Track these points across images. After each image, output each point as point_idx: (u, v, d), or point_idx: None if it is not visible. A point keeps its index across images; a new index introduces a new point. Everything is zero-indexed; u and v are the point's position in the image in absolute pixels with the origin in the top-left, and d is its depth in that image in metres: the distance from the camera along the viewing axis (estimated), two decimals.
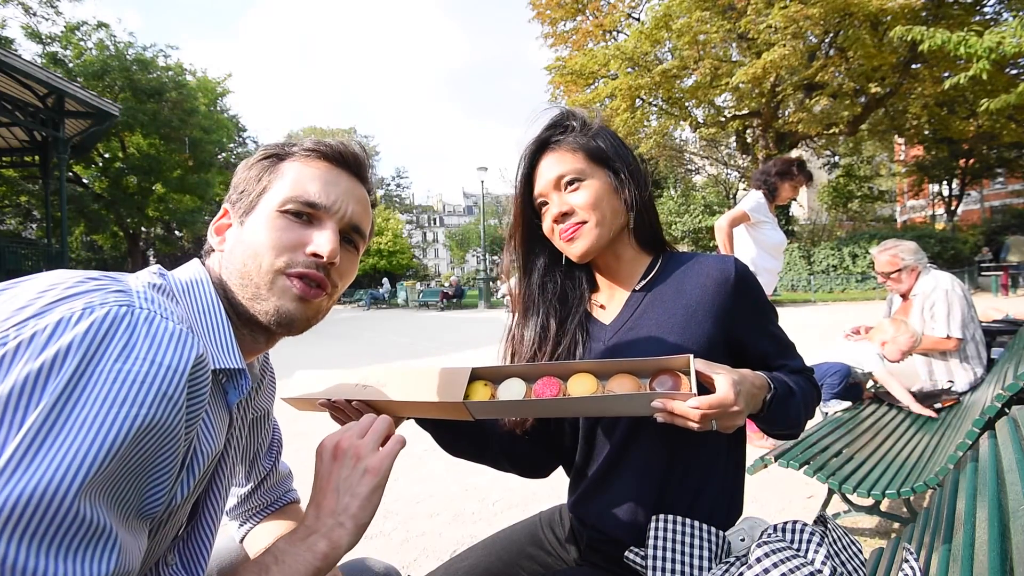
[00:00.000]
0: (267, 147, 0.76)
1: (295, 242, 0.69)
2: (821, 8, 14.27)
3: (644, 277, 0.97)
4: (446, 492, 2.78)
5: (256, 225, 0.70)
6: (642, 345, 0.91)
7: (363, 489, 0.63)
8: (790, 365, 0.96)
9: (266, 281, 0.68)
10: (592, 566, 0.98)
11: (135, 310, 0.52)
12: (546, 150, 0.95)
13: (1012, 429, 1.10)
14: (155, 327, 0.52)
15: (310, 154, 0.73)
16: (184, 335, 0.53)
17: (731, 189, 26.88)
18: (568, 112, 0.98)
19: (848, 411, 2.71)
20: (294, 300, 0.69)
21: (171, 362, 0.51)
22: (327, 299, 0.73)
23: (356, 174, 0.77)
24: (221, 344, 0.65)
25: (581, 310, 1.01)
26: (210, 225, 0.75)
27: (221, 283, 0.70)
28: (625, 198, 0.94)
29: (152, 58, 22.37)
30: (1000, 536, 0.75)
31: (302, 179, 0.71)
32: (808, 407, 0.94)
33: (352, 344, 9.89)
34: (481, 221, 22.77)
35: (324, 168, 0.73)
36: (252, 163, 0.74)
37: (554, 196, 0.94)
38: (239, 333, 0.70)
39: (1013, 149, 21.12)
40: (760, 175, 3.29)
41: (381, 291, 25.38)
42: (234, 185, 0.74)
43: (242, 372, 0.67)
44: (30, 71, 9.89)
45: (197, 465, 0.60)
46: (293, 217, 0.70)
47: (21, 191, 20.09)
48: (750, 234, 3.28)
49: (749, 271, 0.95)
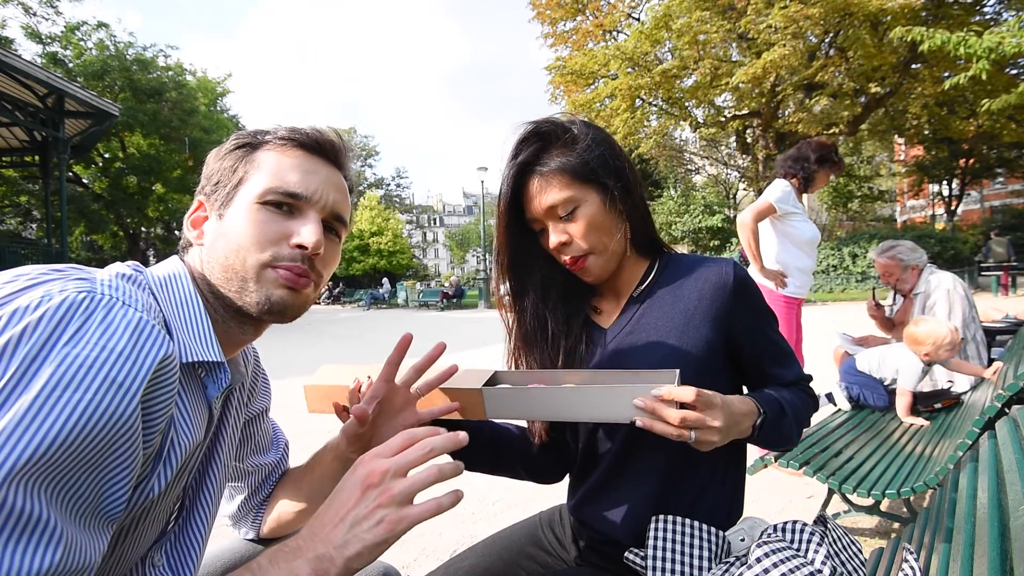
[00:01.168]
0: (239, 135, 0.74)
1: (278, 234, 0.68)
2: (821, 8, 14.27)
3: (642, 282, 0.96)
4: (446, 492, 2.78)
5: (236, 218, 0.68)
6: (640, 350, 0.91)
7: (370, 537, 0.55)
8: (786, 375, 0.94)
9: (252, 275, 0.67)
10: (592, 566, 0.98)
11: (95, 296, 0.51)
12: (530, 174, 0.89)
13: (1012, 429, 1.11)
14: (113, 313, 0.51)
15: (286, 143, 0.72)
16: (143, 323, 0.52)
17: (731, 189, 26.90)
18: (543, 122, 0.91)
19: (847, 411, 2.71)
20: (283, 288, 0.68)
21: (123, 348, 0.49)
22: (314, 288, 0.72)
23: (333, 161, 0.75)
24: (199, 337, 0.64)
25: (582, 315, 1.00)
26: (185, 218, 0.73)
27: (203, 278, 0.69)
28: (620, 209, 0.92)
29: (152, 58, 22.38)
30: (1000, 536, 0.75)
31: (280, 169, 0.70)
32: (801, 422, 0.93)
33: (352, 344, 9.87)
34: (481, 221, 22.78)
35: (301, 156, 0.72)
36: (224, 152, 0.72)
37: (551, 224, 0.91)
38: (225, 326, 0.70)
39: (1013, 149, 21.10)
40: (791, 162, 2.86)
41: (381, 291, 25.37)
42: (207, 176, 0.72)
43: (220, 365, 0.66)
44: (30, 71, 9.88)
45: (174, 456, 0.59)
46: (274, 208, 0.68)
47: (21, 191, 20.08)
48: (777, 228, 2.87)
49: (748, 275, 0.93)
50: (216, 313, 0.69)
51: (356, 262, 36.11)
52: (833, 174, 2.88)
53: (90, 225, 22.69)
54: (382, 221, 37.02)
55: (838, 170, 2.87)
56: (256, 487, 0.95)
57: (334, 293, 30.09)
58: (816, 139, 2.95)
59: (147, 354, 0.51)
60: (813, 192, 2.92)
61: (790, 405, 0.90)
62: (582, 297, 1.01)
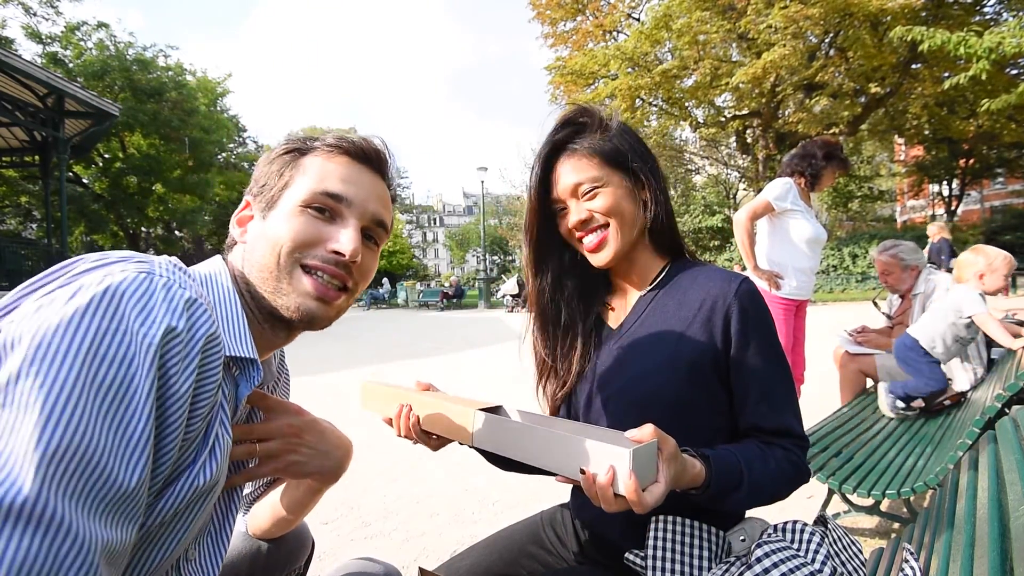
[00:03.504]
0: (289, 141, 0.76)
1: (316, 237, 0.70)
2: (821, 8, 14.27)
3: (653, 282, 0.96)
4: (446, 492, 2.78)
5: (278, 220, 0.70)
6: (639, 353, 0.91)
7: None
8: (767, 422, 0.85)
9: (285, 273, 0.68)
10: (593, 565, 0.98)
11: (154, 277, 0.53)
12: (561, 153, 0.92)
13: (1012, 429, 1.11)
14: (172, 292, 0.53)
15: (333, 150, 0.73)
16: (195, 301, 0.55)
17: (731, 189, 26.87)
18: (583, 110, 0.94)
19: (847, 411, 2.72)
20: (315, 301, 0.70)
21: (178, 323, 0.52)
22: (348, 297, 0.74)
23: (378, 170, 0.77)
24: (235, 334, 0.65)
25: (594, 311, 1.01)
26: (232, 216, 0.76)
27: (243, 277, 0.71)
28: (644, 199, 0.93)
29: (152, 58, 22.38)
30: (1000, 536, 0.75)
31: (324, 175, 0.71)
32: (760, 495, 0.81)
33: (353, 344, 9.88)
34: (481, 221, 22.76)
35: (346, 163, 0.73)
36: (274, 157, 0.75)
37: (572, 203, 0.92)
38: (260, 327, 0.72)
39: (1013, 149, 21.11)
40: (797, 160, 2.80)
41: (381, 291, 25.37)
42: (255, 178, 0.75)
43: (254, 363, 0.67)
44: (30, 71, 9.88)
45: (219, 448, 0.60)
46: (315, 213, 0.70)
47: (21, 191, 20.07)
48: (776, 227, 2.80)
49: (756, 295, 0.88)
50: (252, 314, 0.71)
51: None
52: (839, 172, 2.83)
53: (90, 225, 22.68)
54: None
55: (844, 168, 2.82)
56: (256, 483, 0.96)
57: None
58: (821, 137, 2.90)
59: (200, 326, 0.54)
60: (820, 190, 2.87)
61: (751, 475, 0.79)
62: (596, 291, 1.02)
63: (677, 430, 0.88)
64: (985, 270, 2.28)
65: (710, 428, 0.89)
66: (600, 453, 0.66)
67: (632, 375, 0.90)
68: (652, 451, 0.67)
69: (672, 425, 0.89)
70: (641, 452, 0.65)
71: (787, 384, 0.88)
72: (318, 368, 7.00)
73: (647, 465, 0.66)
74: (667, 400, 0.87)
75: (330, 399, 5.07)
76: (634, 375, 0.90)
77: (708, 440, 0.87)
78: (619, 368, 0.93)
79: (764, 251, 2.84)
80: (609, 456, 0.65)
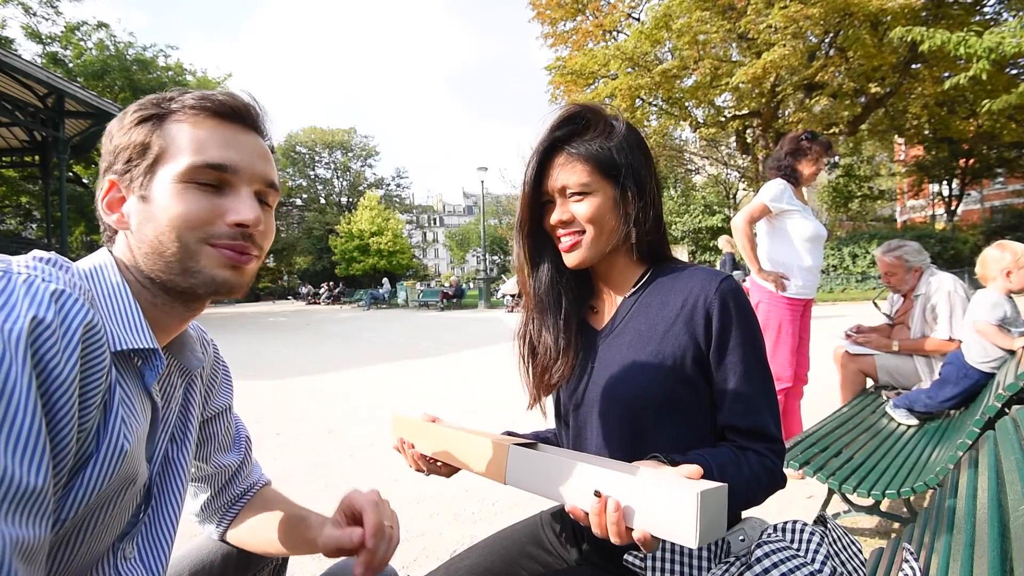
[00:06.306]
0: (140, 104, 0.68)
1: (212, 212, 0.65)
2: (821, 8, 14.26)
3: (635, 285, 0.97)
4: (446, 492, 2.78)
5: (163, 199, 0.64)
6: (622, 354, 0.92)
7: None
8: (742, 421, 0.85)
9: (191, 256, 0.65)
10: (593, 566, 0.98)
11: (11, 275, 0.51)
12: (559, 151, 0.92)
13: (1012, 429, 1.11)
14: (34, 287, 0.51)
15: (199, 112, 0.66)
16: (64, 293, 0.53)
17: (731, 189, 26.90)
18: (587, 109, 0.92)
19: (847, 411, 2.71)
20: (227, 269, 0.67)
21: (50, 317, 0.50)
22: (257, 261, 0.71)
23: (252, 127, 0.71)
24: (130, 326, 0.63)
25: (580, 311, 1.01)
26: (97, 202, 0.69)
27: (135, 266, 0.67)
28: (628, 212, 0.92)
29: (152, 58, 22.42)
30: (1000, 536, 0.75)
31: (200, 144, 0.65)
32: (733, 502, 0.77)
33: (353, 344, 9.89)
34: (481, 221, 22.75)
35: (218, 126, 0.67)
36: (129, 126, 0.67)
37: (558, 201, 0.93)
38: (168, 307, 0.69)
39: (1013, 149, 21.12)
40: (773, 162, 2.86)
41: (381, 291, 25.37)
42: (112, 153, 0.67)
43: (155, 352, 0.65)
44: (30, 71, 9.89)
45: (116, 439, 0.58)
46: (202, 185, 0.65)
47: (21, 191, 20.08)
48: (776, 228, 2.80)
49: (739, 292, 0.89)
50: (155, 298, 0.68)
51: (356, 262, 36.10)
52: (818, 159, 2.78)
53: (90, 225, 22.64)
54: (382, 221, 37.01)
55: (817, 155, 2.76)
56: (221, 487, 0.93)
57: (334, 293, 30.09)
58: (788, 134, 2.91)
59: (74, 316, 0.52)
60: (809, 184, 2.86)
61: (728, 485, 0.76)
62: (584, 288, 1.02)
63: (668, 430, 0.88)
64: (1012, 266, 2.18)
65: (701, 427, 0.89)
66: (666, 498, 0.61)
67: (619, 376, 0.91)
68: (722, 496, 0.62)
69: (663, 425, 0.89)
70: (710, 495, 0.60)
71: (766, 384, 0.87)
72: (318, 368, 7.00)
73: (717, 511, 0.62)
74: (656, 400, 0.87)
75: (330, 399, 5.06)
76: (621, 376, 0.90)
77: (701, 439, 0.88)
78: (605, 370, 0.93)
79: (766, 253, 2.83)
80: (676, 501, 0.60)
